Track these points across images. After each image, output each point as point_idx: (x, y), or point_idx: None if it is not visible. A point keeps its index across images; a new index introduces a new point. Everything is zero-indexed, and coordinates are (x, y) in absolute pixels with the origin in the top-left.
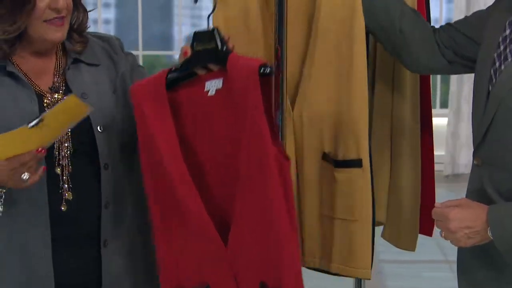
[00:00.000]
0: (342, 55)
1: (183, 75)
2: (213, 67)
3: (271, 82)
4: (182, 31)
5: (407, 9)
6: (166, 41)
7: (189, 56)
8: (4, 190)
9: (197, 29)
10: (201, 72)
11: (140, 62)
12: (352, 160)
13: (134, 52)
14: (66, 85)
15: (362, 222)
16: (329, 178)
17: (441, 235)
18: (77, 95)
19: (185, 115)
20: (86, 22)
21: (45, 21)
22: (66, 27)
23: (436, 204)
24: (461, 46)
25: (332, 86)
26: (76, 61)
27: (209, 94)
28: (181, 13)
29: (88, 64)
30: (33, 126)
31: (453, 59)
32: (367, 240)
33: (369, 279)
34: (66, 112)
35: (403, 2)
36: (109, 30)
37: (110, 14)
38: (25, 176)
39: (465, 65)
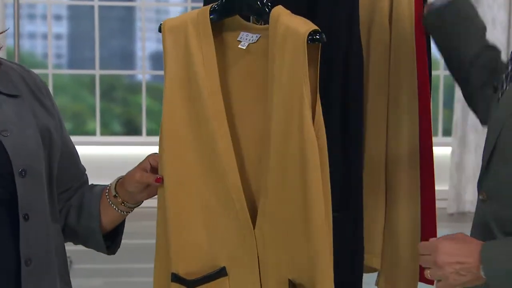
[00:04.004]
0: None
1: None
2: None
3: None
4: (146, 48)
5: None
6: (127, 59)
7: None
8: None
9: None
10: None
11: (97, 83)
12: None
13: (90, 72)
14: None
15: None
16: None
17: (427, 275)
18: None
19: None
20: None
21: None
22: None
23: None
24: None
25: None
26: None
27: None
28: (144, 27)
29: (8, 95)
30: None
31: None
32: None
33: None
34: None
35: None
36: (61, 46)
37: (62, 27)
38: None
39: None
